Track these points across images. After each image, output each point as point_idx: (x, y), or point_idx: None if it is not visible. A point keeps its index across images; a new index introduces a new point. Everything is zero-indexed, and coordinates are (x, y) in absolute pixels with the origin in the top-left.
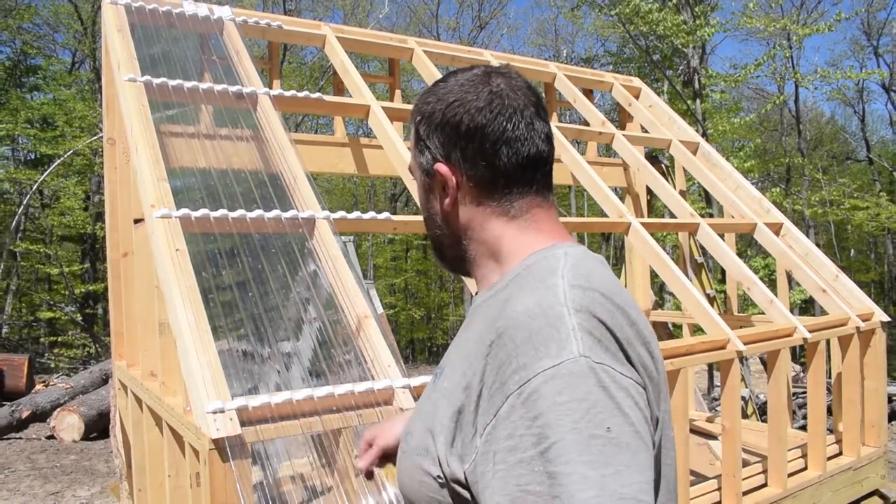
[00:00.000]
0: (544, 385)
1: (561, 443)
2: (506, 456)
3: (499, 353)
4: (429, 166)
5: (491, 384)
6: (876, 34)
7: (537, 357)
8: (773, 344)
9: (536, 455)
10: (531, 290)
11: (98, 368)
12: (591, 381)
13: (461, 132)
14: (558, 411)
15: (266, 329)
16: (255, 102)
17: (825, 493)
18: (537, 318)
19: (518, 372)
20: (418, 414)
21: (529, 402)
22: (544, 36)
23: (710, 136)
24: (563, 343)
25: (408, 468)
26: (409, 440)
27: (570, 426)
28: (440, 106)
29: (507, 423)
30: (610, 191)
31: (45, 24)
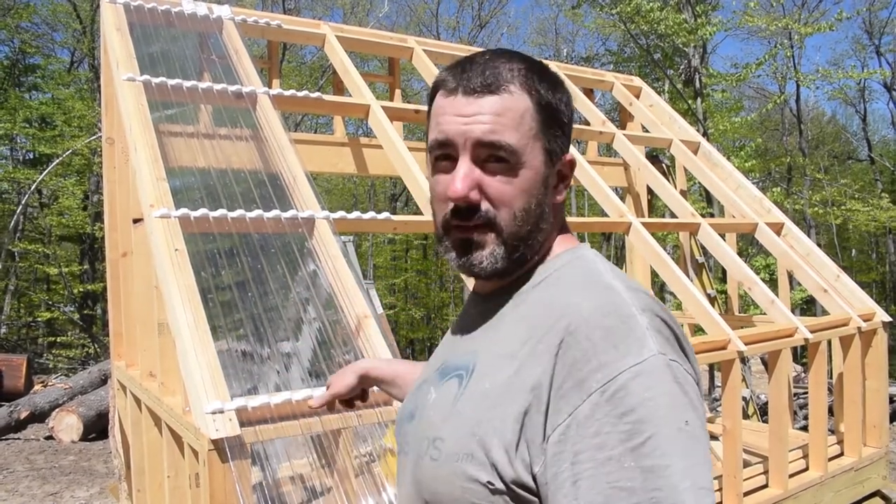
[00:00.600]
0: (631, 381)
1: (655, 437)
2: (594, 454)
3: (570, 351)
4: (560, 153)
5: (561, 383)
6: (878, 33)
7: (619, 355)
8: (775, 344)
9: (626, 451)
10: (588, 291)
11: (97, 369)
12: (669, 376)
13: (571, 127)
14: (649, 406)
15: (265, 329)
16: (255, 102)
17: (826, 493)
18: (610, 317)
19: (600, 370)
20: (450, 418)
21: (615, 399)
22: (544, 35)
23: (710, 135)
24: (642, 341)
25: (445, 475)
26: (441, 446)
27: (661, 421)
28: (568, 96)
29: (592, 421)
30: (610, 190)
31: (43, 24)
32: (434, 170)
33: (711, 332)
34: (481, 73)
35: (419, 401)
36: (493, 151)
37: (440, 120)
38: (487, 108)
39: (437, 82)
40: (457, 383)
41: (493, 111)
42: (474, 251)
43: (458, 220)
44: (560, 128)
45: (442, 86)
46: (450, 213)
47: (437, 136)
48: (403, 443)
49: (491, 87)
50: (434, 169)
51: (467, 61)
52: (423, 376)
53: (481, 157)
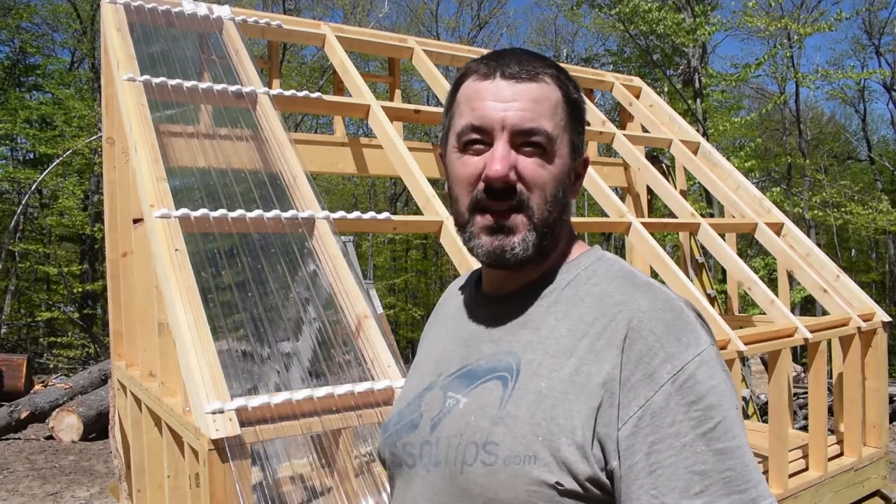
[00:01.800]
0: (698, 370)
1: (726, 420)
2: (672, 442)
3: (635, 345)
4: (581, 149)
5: (629, 377)
6: (877, 33)
7: (683, 346)
8: (774, 344)
9: (698, 437)
10: (636, 288)
11: (97, 369)
12: (720, 364)
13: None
14: (716, 392)
15: (266, 329)
16: (255, 102)
17: (826, 493)
18: (668, 311)
19: (669, 361)
20: (500, 420)
21: (685, 387)
22: (544, 35)
23: (710, 135)
24: (697, 333)
25: (506, 480)
26: (495, 450)
27: (728, 405)
28: (582, 95)
29: (667, 410)
30: (610, 190)
31: (44, 24)
32: (462, 152)
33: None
34: (518, 63)
35: (427, 409)
36: (530, 138)
37: (476, 105)
38: (526, 95)
39: (467, 70)
40: (500, 385)
41: (532, 98)
42: (507, 235)
43: (493, 199)
44: (581, 125)
45: (473, 72)
46: (483, 194)
47: (471, 119)
48: (404, 454)
49: (530, 73)
50: (462, 152)
51: (499, 54)
52: (423, 382)
53: (517, 141)
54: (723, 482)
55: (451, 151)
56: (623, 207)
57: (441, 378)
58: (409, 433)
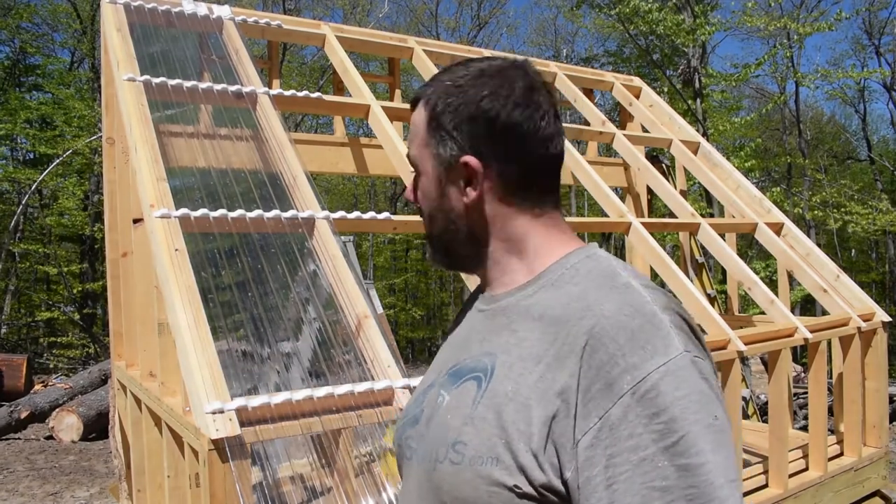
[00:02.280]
0: (661, 381)
1: (689, 435)
2: (629, 456)
3: (596, 354)
4: (452, 158)
5: (588, 386)
6: (877, 33)
7: (647, 355)
8: (774, 344)
9: (659, 451)
10: (608, 290)
11: (97, 369)
12: (696, 373)
13: (496, 127)
14: (680, 405)
15: (266, 329)
16: (255, 102)
17: (826, 493)
18: (635, 318)
19: (630, 371)
20: (470, 422)
21: (646, 399)
22: (544, 35)
23: (710, 135)
24: (667, 340)
25: (470, 479)
26: (463, 449)
27: (693, 418)
28: (472, 97)
29: (625, 423)
30: (610, 190)
31: (44, 24)
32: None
33: (711, 332)
34: (418, 89)
35: (426, 404)
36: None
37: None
38: (412, 123)
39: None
40: (475, 386)
41: (412, 125)
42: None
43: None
44: (444, 131)
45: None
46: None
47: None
48: (406, 447)
49: (414, 102)
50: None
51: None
52: (428, 380)
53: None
54: (685, 499)
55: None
56: (623, 207)
57: (440, 375)
58: (411, 427)
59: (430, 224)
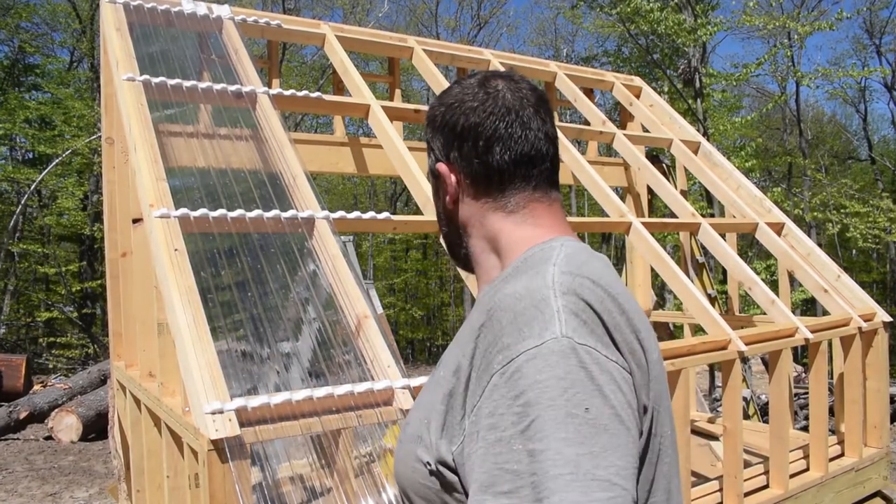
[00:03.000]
0: (526, 364)
1: (539, 420)
2: (486, 433)
3: (486, 334)
4: (433, 167)
5: (479, 365)
6: (878, 33)
7: (521, 337)
8: (775, 344)
9: (517, 433)
10: (521, 276)
11: (96, 369)
12: (572, 360)
13: (457, 132)
14: (537, 389)
15: (265, 329)
16: (255, 102)
17: (827, 494)
18: (523, 300)
19: (502, 351)
20: (417, 405)
21: (511, 381)
22: (544, 35)
23: (710, 135)
24: (547, 324)
25: (403, 457)
26: (406, 429)
27: (547, 403)
28: (441, 110)
29: (490, 401)
30: (610, 190)
31: (43, 23)
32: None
33: (712, 332)
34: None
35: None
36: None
37: None
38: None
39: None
40: (431, 376)
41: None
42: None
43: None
44: (428, 143)
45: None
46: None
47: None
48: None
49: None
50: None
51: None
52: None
53: None
54: (531, 486)
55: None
56: (623, 207)
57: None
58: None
59: (439, 227)
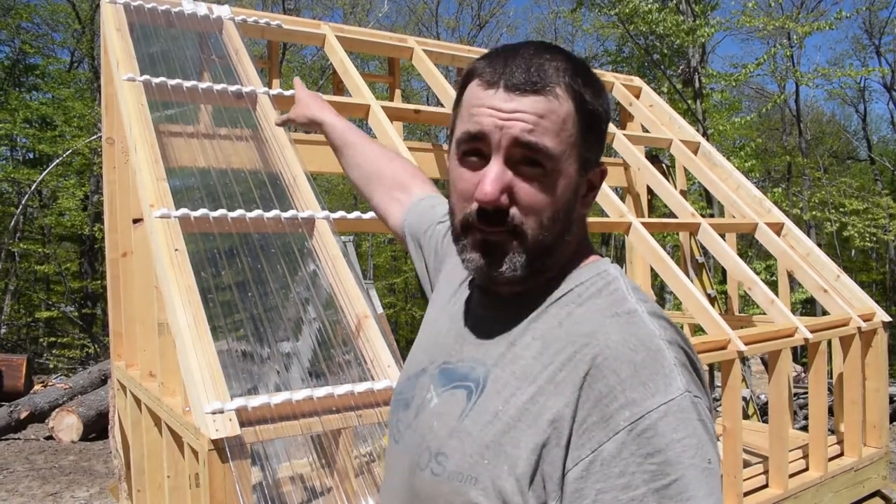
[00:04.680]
0: (660, 422)
1: (682, 479)
2: (618, 494)
3: (596, 384)
4: (595, 162)
5: (585, 418)
6: (878, 33)
7: (648, 393)
8: (775, 344)
9: (650, 492)
10: (613, 318)
11: (97, 369)
12: (694, 416)
13: (606, 126)
14: (677, 448)
15: (265, 329)
16: (255, 102)
17: (826, 493)
18: (639, 351)
19: (628, 408)
20: (454, 433)
21: (643, 438)
22: (544, 35)
23: (710, 135)
24: (669, 379)
25: (447, 494)
26: (445, 462)
27: (688, 462)
28: (603, 105)
29: (618, 460)
30: (610, 190)
31: (43, 24)
32: (461, 163)
33: (711, 332)
34: (526, 69)
35: (418, 393)
36: (530, 154)
37: (474, 111)
38: (530, 108)
39: (473, 70)
40: (465, 396)
41: (536, 112)
42: (496, 255)
43: (483, 223)
44: (599, 136)
45: (479, 75)
46: (475, 215)
47: (469, 127)
48: (396, 431)
49: (536, 85)
50: (461, 162)
51: (510, 53)
52: (422, 362)
53: (515, 157)
54: None
55: (452, 156)
56: (623, 207)
57: (432, 366)
58: (403, 411)
59: (545, 231)
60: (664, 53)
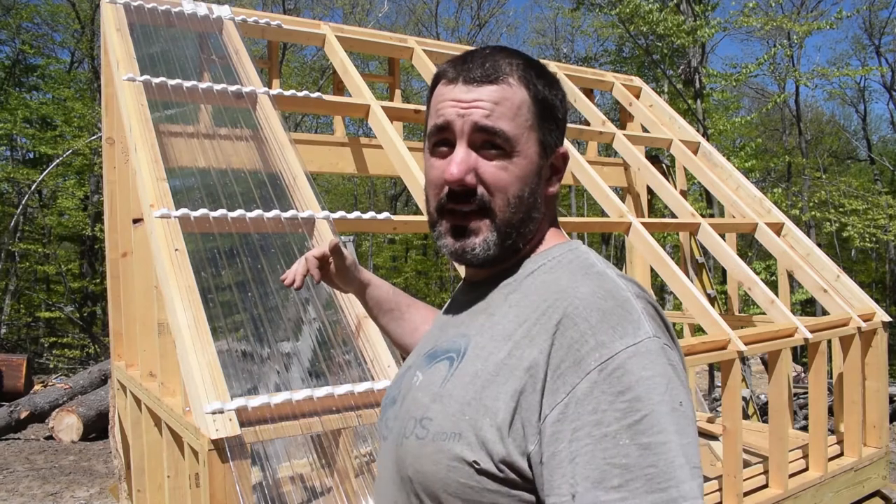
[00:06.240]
0: (628, 361)
1: (653, 415)
2: (591, 430)
3: (568, 332)
4: (554, 146)
5: (559, 364)
6: (878, 33)
7: (616, 335)
8: (774, 344)
9: (623, 428)
10: (584, 277)
11: (97, 369)
12: (663, 358)
13: (564, 115)
14: (646, 384)
15: (265, 329)
16: (255, 102)
17: (826, 493)
18: (607, 300)
19: (598, 349)
20: (437, 398)
21: (613, 377)
22: (543, 35)
23: (710, 135)
24: (637, 324)
25: (431, 453)
26: (429, 425)
27: (658, 399)
28: (560, 94)
29: (590, 398)
30: (610, 190)
31: (44, 24)
32: (431, 155)
33: (711, 332)
34: (481, 65)
35: (403, 385)
36: (490, 137)
37: (439, 106)
38: (486, 96)
39: (438, 73)
40: (447, 365)
41: (492, 99)
42: (468, 237)
43: (454, 203)
44: (555, 122)
45: (443, 76)
46: (445, 197)
47: (436, 121)
48: (384, 427)
49: (490, 77)
50: (431, 154)
51: (468, 54)
52: (409, 362)
53: (477, 142)
54: (644, 478)
55: (425, 153)
56: (623, 207)
57: (419, 358)
58: (390, 408)
59: (512, 208)
60: (664, 53)
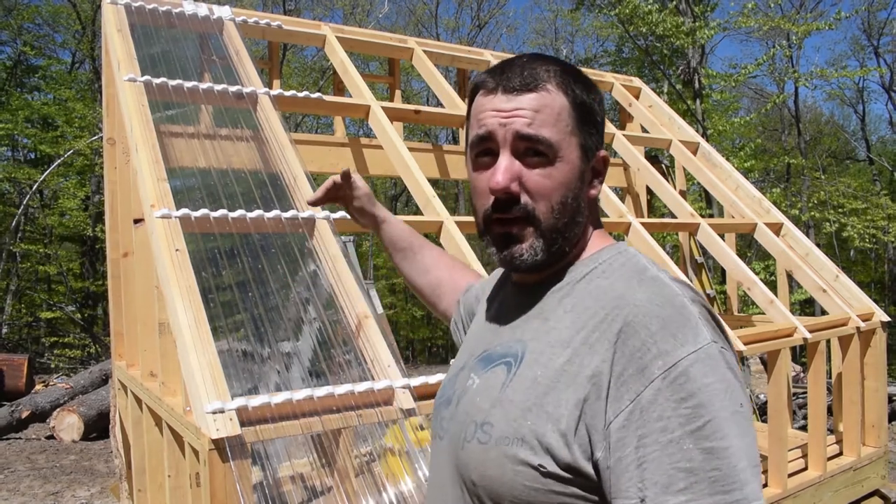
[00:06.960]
0: (691, 368)
1: (715, 420)
2: (657, 437)
3: (630, 340)
4: (595, 149)
5: (622, 371)
6: (876, 34)
7: (678, 343)
8: (774, 344)
9: (686, 434)
10: (639, 283)
11: (98, 368)
12: (722, 363)
13: (604, 123)
14: (708, 392)
15: (266, 329)
16: (255, 102)
17: (825, 493)
18: (665, 307)
19: (661, 357)
20: (497, 403)
21: (676, 384)
22: (543, 35)
23: (709, 135)
24: (696, 330)
25: (495, 458)
26: (490, 430)
27: (719, 405)
28: (596, 97)
29: (655, 406)
30: (610, 190)
31: (45, 25)
32: (475, 166)
33: None
34: (520, 73)
35: (458, 387)
36: (532, 145)
37: (481, 117)
38: (526, 104)
39: (476, 84)
40: (505, 370)
41: (532, 107)
42: (514, 245)
43: (499, 212)
44: (594, 125)
45: (481, 86)
46: (490, 207)
47: (478, 131)
48: (438, 427)
49: (529, 85)
50: (475, 166)
51: (506, 63)
52: (460, 363)
53: (520, 150)
54: (708, 481)
55: (468, 164)
56: (623, 207)
57: (471, 359)
58: (445, 408)
59: (556, 214)
60: (664, 54)
